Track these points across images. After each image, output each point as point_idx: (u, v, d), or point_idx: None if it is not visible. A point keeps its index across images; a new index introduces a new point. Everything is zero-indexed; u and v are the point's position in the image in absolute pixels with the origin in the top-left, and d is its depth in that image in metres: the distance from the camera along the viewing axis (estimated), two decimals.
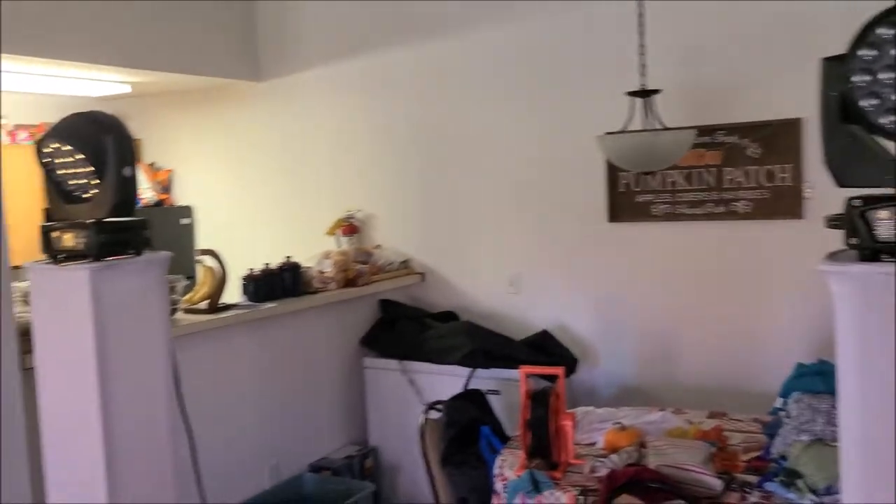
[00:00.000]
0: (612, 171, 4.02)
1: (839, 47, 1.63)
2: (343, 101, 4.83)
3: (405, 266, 4.62)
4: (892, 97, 1.54)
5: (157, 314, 2.39)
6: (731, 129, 3.80)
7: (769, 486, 2.57)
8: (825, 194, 1.68)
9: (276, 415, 3.82)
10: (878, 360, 1.54)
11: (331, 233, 4.72)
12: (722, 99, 3.80)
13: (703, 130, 3.77)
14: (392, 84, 4.66)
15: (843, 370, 1.59)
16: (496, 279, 4.42)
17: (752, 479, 2.66)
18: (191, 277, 4.07)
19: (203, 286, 3.62)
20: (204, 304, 3.57)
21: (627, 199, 4.05)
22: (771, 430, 2.92)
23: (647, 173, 3.43)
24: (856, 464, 1.58)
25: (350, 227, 4.71)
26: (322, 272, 4.11)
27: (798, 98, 3.41)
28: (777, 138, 3.68)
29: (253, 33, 5.04)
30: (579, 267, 4.20)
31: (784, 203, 3.70)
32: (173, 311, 3.25)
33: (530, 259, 4.33)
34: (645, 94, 3.21)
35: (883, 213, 1.54)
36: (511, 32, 4.26)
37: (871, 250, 1.58)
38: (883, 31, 1.53)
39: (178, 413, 2.57)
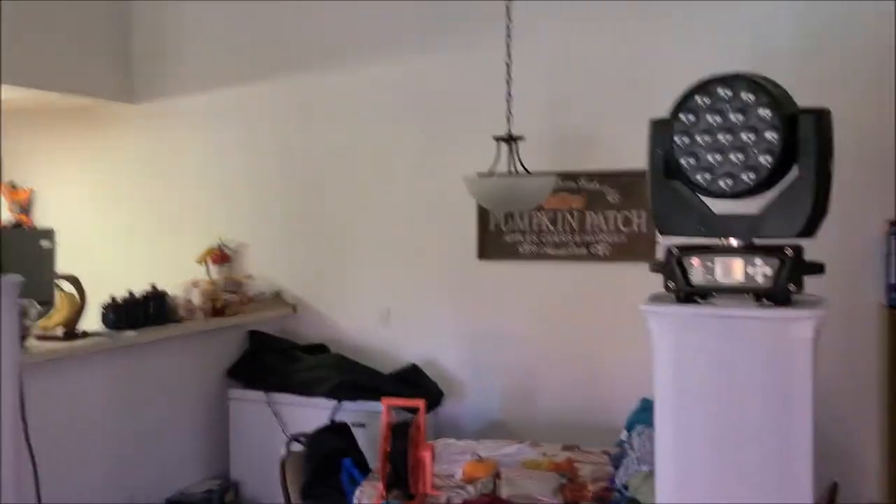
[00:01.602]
0: (483, 211, 4.16)
1: None
2: (218, 128, 4.80)
3: (276, 297, 4.61)
4: (707, 157, 1.71)
5: (4, 340, 2.31)
6: (592, 176, 4.02)
7: None
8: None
9: (133, 448, 3.71)
10: (689, 393, 1.70)
11: (200, 261, 4.65)
12: (585, 147, 4.03)
13: (567, 176, 3.99)
14: (268, 114, 4.67)
15: (660, 403, 1.73)
16: (368, 313, 4.47)
17: None
18: (48, 303, 3.92)
19: (59, 312, 3.49)
20: (59, 332, 3.45)
21: (496, 238, 4.21)
22: (616, 461, 3.08)
23: (511, 214, 3.58)
24: (670, 492, 1.71)
25: (221, 255, 4.66)
26: (189, 301, 4.05)
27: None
28: (633, 186, 3.92)
29: (129, 56, 4.94)
30: (449, 303, 4.31)
31: (639, 247, 3.94)
32: (24, 337, 3.13)
33: (402, 293, 4.40)
34: (510, 139, 3.37)
35: (695, 260, 1.71)
36: (392, 72, 4.37)
37: (685, 293, 1.74)
38: (700, 99, 1.71)
39: (22, 445, 2.48)
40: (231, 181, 4.77)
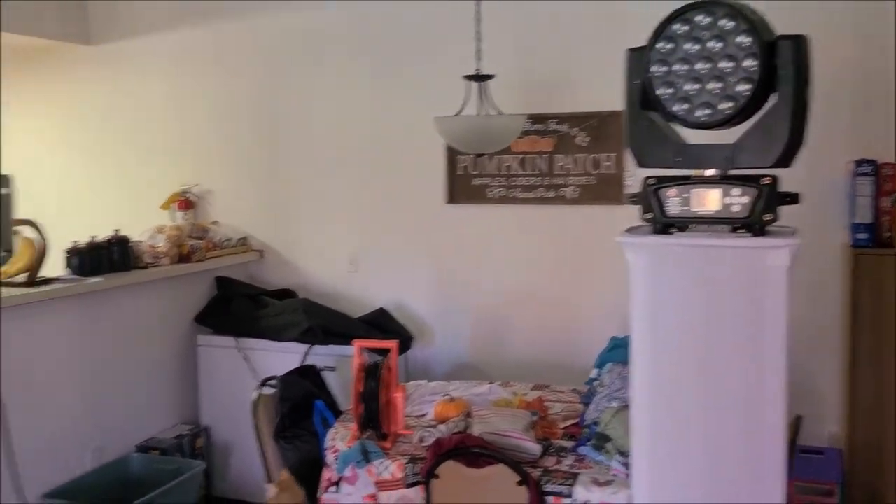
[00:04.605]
0: (452, 154, 4.13)
1: None
2: (181, 70, 4.67)
3: (243, 243, 4.55)
4: (685, 87, 1.70)
5: None
6: (562, 118, 4.00)
7: (582, 450, 2.76)
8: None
9: (102, 394, 3.68)
10: (665, 324, 1.71)
11: (165, 207, 4.57)
12: (554, 89, 3.99)
13: (537, 118, 3.96)
14: (233, 56, 4.56)
15: (637, 335, 1.75)
16: (335, 258, 4.44)
17: (568, 444, 2.85)
18: (8, 251, 3.83)
19: (20, 258, 3.41)
20: (22, 278, 3.38)
21: (465, 181, 4.18)
22: (586, 399, 3.12)
23: (480, 155, 3.55)
24: (646, 422, 1.74)
25: (186, 201, 4.58)
26: (154, 247, 3.98)
27: (621, 91, 3.63)
28: (602, 129, 3.92)
29: None
30: (417, 247, 4.29)
31: (608, 189, 3.94)
32: None
33: (370, 238, 4.38)
34: (480, 78, 3.32)
35: (672, 191, 1.71)
36: (357, 10, 4.27)
37: (662, 224, 1.74)
38: (678, 27, 1.69)
39: None
40: (195, 125, 4.67)
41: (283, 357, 3.88)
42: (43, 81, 5.03)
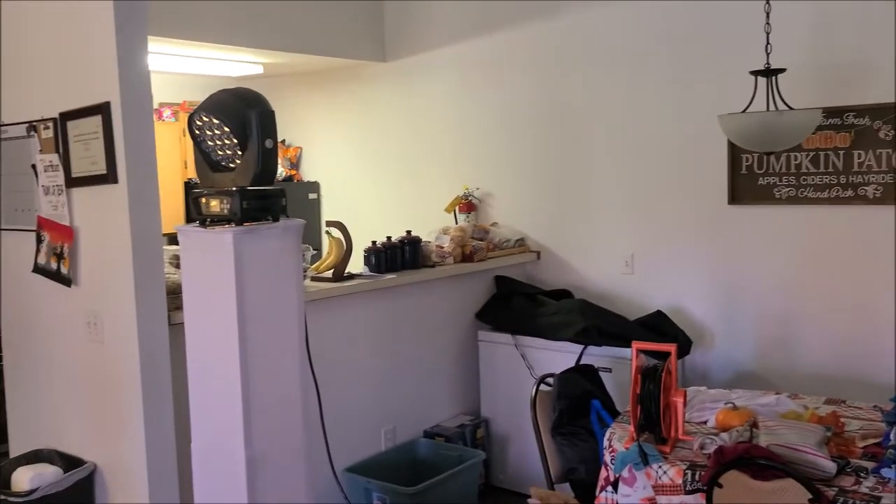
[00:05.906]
0: (735, 153, 3.97)
1: None
2: (463, 80, 4.96)
3: (521, 244, 4.72)
4: None
5: (292, 275, 2.59)
6: (862, 110, 3.68)
7: (886, 472, 2.53)
8: None
9: (394, 381, 4.01)
10: None
11: (449, 210, 4.87)
12: (852, 79, 3.69)
13: (832, 112, 3.69)
14: (511, 64, 4.74)
15: None
16: (611, 259, 4.45)
17: (869, 464, 2.62)
18: (316, 250, 4.30)
19: (329, 256, 3.82)
20: (329, 273, 3.78)
21: (749, 181, 3.99)
22: (891, 417, 2.84)
23: (769, 154, 3.38)
24: None
25: (468, 204, 4.85)
26: (440, 247, 4.26)
27: None
28: None
29: (380, 15, 5.23)
30: (696, 249, 4.17)
31: None
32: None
33: (646, 239, 4.33)
34: (769, 73, 3.16)
35: None
36: (631, 10, 4.25)
37: None
38: None
39: (308, 370, 2.77)
40: (476, 132, 4.93)
41: (558, 356, 3.97)
42: (341, 98, 5.61)
